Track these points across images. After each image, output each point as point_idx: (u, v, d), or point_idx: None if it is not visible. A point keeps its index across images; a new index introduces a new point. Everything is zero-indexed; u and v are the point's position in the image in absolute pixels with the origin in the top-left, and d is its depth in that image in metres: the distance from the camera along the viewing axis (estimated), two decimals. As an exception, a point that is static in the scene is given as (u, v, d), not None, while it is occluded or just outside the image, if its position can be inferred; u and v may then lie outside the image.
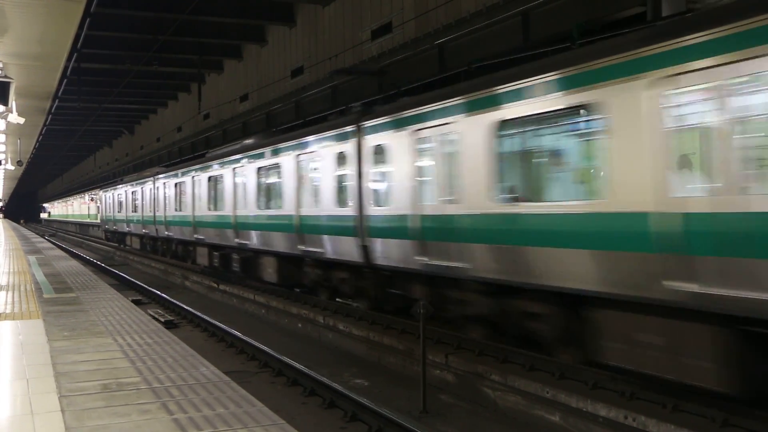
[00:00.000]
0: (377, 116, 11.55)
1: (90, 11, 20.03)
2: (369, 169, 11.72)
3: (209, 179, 20.38)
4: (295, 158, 14.41)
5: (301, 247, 14.09)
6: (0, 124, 23.14)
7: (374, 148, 11.54)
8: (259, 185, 16.54)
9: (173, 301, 17.00)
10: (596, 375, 7.95)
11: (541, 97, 7.95)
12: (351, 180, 12.20)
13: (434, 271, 10.08)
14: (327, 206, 13.00)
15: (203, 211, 20.92)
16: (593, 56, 7.38)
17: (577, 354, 8.38)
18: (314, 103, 22.87)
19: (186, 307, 15.80)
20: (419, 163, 10.42)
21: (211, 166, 20.11)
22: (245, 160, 17.26)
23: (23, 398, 5.43)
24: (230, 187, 18.34)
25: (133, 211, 31.79)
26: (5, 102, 14.84)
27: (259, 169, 16.42)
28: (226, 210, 18.61)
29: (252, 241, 16.90)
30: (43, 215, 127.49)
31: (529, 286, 8.33)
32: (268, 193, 16.22)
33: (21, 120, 19.06)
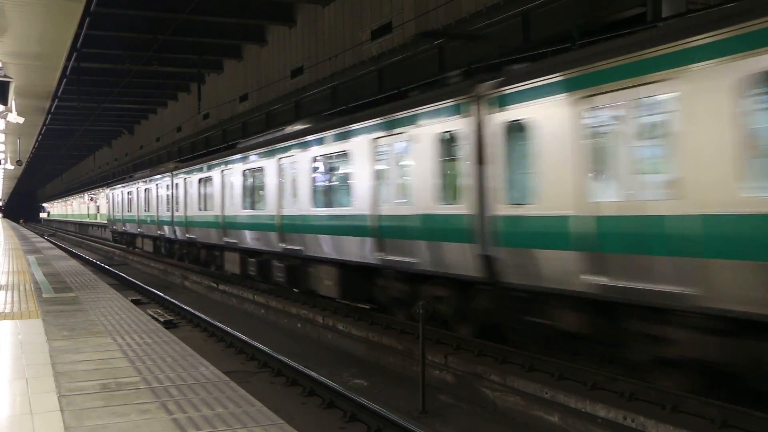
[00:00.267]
0: (515, 80, 8.68)
1: (90, 11, 20.04)
2: (497, 153, 8.92)
3: (244, 173, 17.43)
4: (371, 143, 11.62)
5: (379, 255, 11.41)
6: (-1, 124, 23.16)
7: (506, 126, 8.78)
8: (314, 179, 13.79)
9: (173, 301, 16.99)
10: (595, 376, 7.97)
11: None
12: (464, 169, 9.49)
13: (618, 297, 7.33)
14: (422, 203, 10.31)
15: (236, 210, 17.94)
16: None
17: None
18: (314, 103, 22.89)
19: (185, 307, 15.80)
20: (590, 144, 7.61)
21: (247, 158, 17.15)
22: (295, 149, 14.45)
23: (22, 398, 5.42)
24: (273, 182, 15.51)
25: (146, 211, 28.74)
26: (5, 101, 14.83)
27: (315, 159, 13.71)
28: (268, 209, 15.77)
29: (305, 247, 14.03)
30: (43, 215, 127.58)
31: None
32: (327, 189, 13.53)
33: (20, 119, 19.05)
